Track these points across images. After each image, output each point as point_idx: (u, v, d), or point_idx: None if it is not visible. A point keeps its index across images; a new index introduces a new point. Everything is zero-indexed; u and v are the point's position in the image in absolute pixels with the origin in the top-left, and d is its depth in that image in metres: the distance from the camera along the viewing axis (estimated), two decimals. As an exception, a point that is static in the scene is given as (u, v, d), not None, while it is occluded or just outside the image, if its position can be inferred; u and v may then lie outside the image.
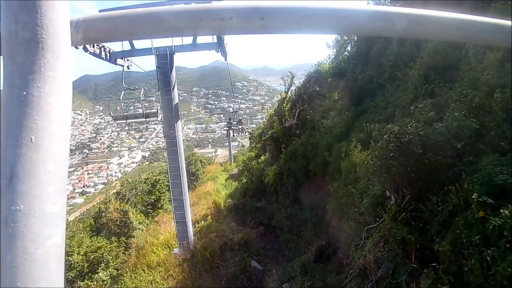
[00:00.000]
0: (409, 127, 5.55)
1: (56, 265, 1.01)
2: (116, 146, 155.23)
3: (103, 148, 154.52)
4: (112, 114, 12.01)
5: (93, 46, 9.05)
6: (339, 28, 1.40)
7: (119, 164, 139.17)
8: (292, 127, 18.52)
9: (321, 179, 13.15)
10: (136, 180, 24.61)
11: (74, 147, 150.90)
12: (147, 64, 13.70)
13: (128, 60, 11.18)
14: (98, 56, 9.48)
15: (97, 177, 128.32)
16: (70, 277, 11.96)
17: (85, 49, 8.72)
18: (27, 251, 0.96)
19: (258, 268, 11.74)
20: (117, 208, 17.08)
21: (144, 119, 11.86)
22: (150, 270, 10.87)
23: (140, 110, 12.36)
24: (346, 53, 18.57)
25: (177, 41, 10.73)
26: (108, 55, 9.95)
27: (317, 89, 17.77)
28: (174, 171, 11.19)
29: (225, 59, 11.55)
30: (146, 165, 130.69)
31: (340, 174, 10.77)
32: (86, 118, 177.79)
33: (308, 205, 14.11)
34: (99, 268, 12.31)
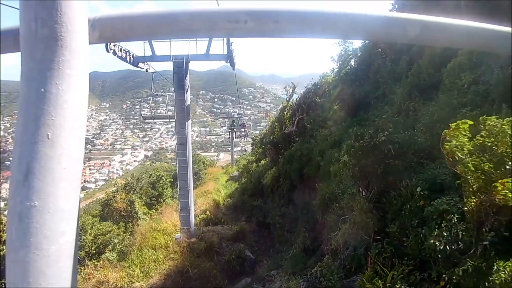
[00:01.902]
0: (382, 132, 6.88)
1: (68, 262, 1.03)
2: (120, 144, 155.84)
3: (107, 145, 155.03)
4: (142, 114, 13.58)
5: (120, 51, 10.52)
6: (352, 33, 1.40)
7: (121, 161, 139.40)
8: (292, 134, 19.87)
9: (314, 182, 14.43)
10: (142, 172, 25.99)
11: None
12: (159, 67, 15.18)
13: (147, 64, 12.64)
14: (124, 59, 10.94)
15: (99, 173, 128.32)
16: (79, 257, 13.22)
17: (114, 53, 10.18)
18: (40, 247, 0.96)
19: (251, 257, 13.04)
20: (124, 198, 18.45)
21: (168, 120, 13.37)
22: (154, 251, 12.22)
23: (146, 110, 13.88)
24: (349, 67, 19.73)
25: (192, 50, 12.22)
26: (132, 59, 11.42)
27: (316, 99, 19.17)
28: (182, 164, 12.65)
29: (233, 68, 13.06)
30: (148, 164, 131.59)
31: (329, 176, 12.06)
32: (92, 115, 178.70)
33: (300, 205, 15.39)
34: (107, 249, 13.58)
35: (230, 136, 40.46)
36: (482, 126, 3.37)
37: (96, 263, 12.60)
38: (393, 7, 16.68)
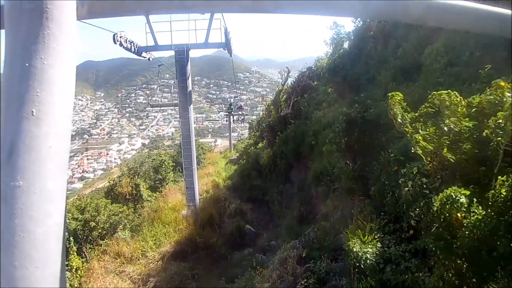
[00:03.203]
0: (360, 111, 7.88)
1: (56, 244, 0.99)
2: (116, 133, 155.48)
3: (103, 135, 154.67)
4: (150, 103, 14.64)
5: (126, 42, 11.36)
6: (354, 11, 1.37)
7: (118, 150, 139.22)
8: (287, 116, 20.81)
9: (308, 161, 15.49)
10: (145, 157, 26.94)
11: (75, 133, 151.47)
12: (155, 55, 16.04)
13: (149, 53, 13.49)
14: (129, 49, 11.81)
15: (97, 163, 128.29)
16: (92, 238, 14.23)
17: (120, 44, 11.03)
18: (26, 229, 0.92)
19: (252, 230, 14.22)
20: (129, 182, 19.44)
21: (174, 107, 14.41)
22: (164, 226, 13.40)
23: (141, 98, 14.93)
24: (342, 51, 20.41)
25: (191, 39, 13.07)
26: (136, 49, 12.27)
27: (311, 83, 20.09)
28: (186, 145, 13.74)
29: (230, 55, 13.96)
30: (145, 152, 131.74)
31: (322, 154, 13.10)
32: (87, 104, 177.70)
33: (296, 182, 16.51)
34: (118, 229, 14.63)
35: (228, 120, 40.43)
36: (431, 100, 4.35)
37: (108, 242, 13.64)
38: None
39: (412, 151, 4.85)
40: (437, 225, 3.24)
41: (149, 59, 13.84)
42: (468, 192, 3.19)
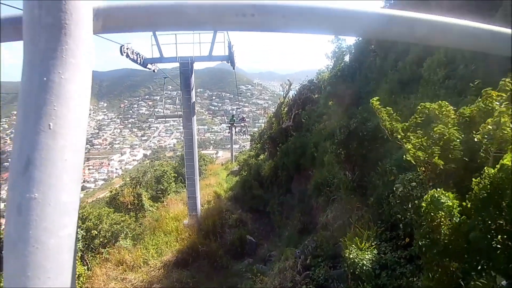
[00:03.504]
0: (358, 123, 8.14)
1: (68, 256, 1.01)
2: (118, 143, 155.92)
3: (105, 145, 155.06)
4: (155, 114, 15.00)
5: (132, 53, 11.77)
6: (359, 31, 1.41)
7: (120, 161, 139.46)
8: (288, 128, 21.11)
9: (309, 172, 15.70)
10: (148, 166, 27.18)
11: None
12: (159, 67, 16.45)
13: (154, 65, 13.90)
14: (135, 61, 12.21)
15: (98, 173, 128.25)
16: (93, 246, 14.37)
17: (127, 56, 11.42)
18: (40, 240, 0.94)
19: (252, 240, 14.34)
20: (131, 192, 19.64)
21: (178, 118, 14.71)
22: (165, 235, 13.57)
23: (144, 109, 15.18)
24: (343, 64, 20.75)
25: (195, 51, 13.48)
26: (142, 61, 12.67)
27: (312, 95, 20.44)
28: (189, 155, 14.02)
29: (233, 68, 14.36)
30: (147, 163, 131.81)
31: (323, 166, 13.32)
32: (90, 114, 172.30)
33: (297, 193, 16.66)
34: (120, 237, 14.78)
35: (229, 132, 40.52)
36: (420, 110, 4.62)
37: (110, 250, 13.76)
38: (385, 5, 17.77)
39: (404, 159, 5.08)
40: (424, 225, 3.44)
41: (154, 70, 14.24)
42: (451, 194, 3.42)
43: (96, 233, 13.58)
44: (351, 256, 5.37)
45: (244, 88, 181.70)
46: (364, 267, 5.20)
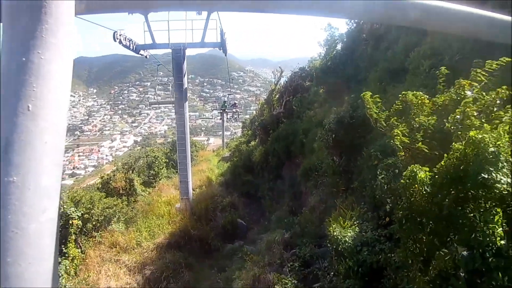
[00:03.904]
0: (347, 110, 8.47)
1: (50, 240, 0.98)
2: (108, 130, 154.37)
3: (95, 131, 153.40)
4: (149, 101, 15.15)
5: (125, 40, 11.84)
6: (354, 13, 1.40)
7: (110, 147, 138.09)
8: (280, 115, 21.37)
9: (299, 158, 16.08)
10: (140, 152, 27.31)
11: (66, 129, 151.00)
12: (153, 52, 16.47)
13: (147, 51, 13.98)
14: (128, 47, 12.29)
15: (88, 159, 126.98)
16: (86, 230, 14.59)
17: (120, 42, 11.49)
18: (20, 226, 0.91)
19: (243, 224, 14.76)
20: (123, 177, 19.83)
21: (171, 105, 14.93)
22: (158, 218, 13.91)
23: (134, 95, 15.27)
24: (335, 52, 20.92)
25: (188, 38, 13.61)
26: (134, 47, 12.75)
27: (303, 83, 20.69)
28: (181, 140, 14.29)
29: (225, 55, 14.53)
30: (138, 150, 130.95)
31: (312, 152, 13.69)
32: (79, 100, 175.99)
33: (287, 179, 17.08)
34: (112, 221, 15.03)
35: (221, 118, 40.35)
36: (401, 99, 4.94)
37: (103, 234, 14.01)
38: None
39: (390, 143, 5.41)
40: (403, 199, 3.79)
41: (146, 56, 14.32)
42: (427, 169, 3.77)
43: (89, 217, 13.79)
44: (334, 233, 5.75)
45: (236, 74, 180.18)
46: (346, 244, 5.59)
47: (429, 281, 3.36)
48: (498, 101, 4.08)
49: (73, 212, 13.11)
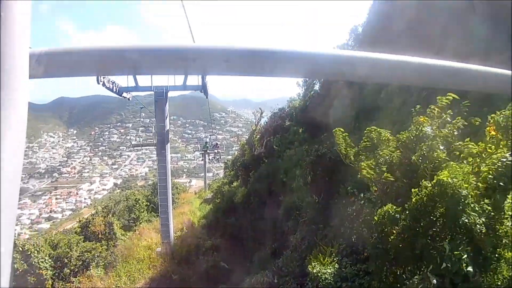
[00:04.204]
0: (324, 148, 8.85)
1: None
2: (88, 172, 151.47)
3: (74, 173, 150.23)
4: (132, 143, 15.38)
5: (108, 82, 12.19)
6: (302, 71, 1.40)
7: (89, 190, 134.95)
8: (261, 155, 21.71)
9: (281, 197, 16.22)
10: (121, 195, 26.82)
11: (44, 171, 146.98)
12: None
13: (129, 93, 14.34)
14: (111, 90, 12.60)
15: (66, 202, 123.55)
16: (63, 275, 14.03)
17: (103, 84, 11.81)
18: None
19: (226, 267, 14.47)
20: (103, 221, 19.38)
21: (153, 147, 15.19)
22: (138, 262, 13.51)
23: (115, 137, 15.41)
24: (313, 92, 21.88)
25: (170, 81, 14.11)
26: (117, 89, 13.09)
27: (283, 123, 21.34)
28: (162, 183, 14.24)
29: (207, 97, 15.02)
30: (117, 192, 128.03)
31: (293, 191, 13.90)
32: (59, 141, 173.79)
33: (269, 219, 17.04)
34: (91, 266, 14.52)
35: (203, 159, 40.38)
36: (367, 135, 5.35)
37: (81, 279, 13.51)
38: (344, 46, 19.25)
39: (366, 180, 5.72)
40: (375, 236, 4.02)
41: (129, 99, 14.66)
42: (399, 209, 4.04)
43: (67, 261, 13.36)
44: (314, 270, 5.85)
45: (218, 115, 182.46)
46: (326, 280, 5.68)
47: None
48: (456, 133, 4.51)
49: (41, 263, 12.72)
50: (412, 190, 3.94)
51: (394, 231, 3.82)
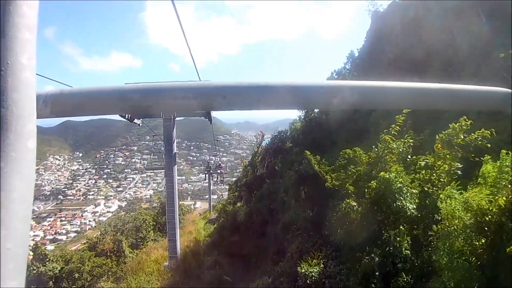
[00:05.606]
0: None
1: None
2: (93, 194, 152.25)
3: (79, 196, 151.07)
4: (144, 166, 16.44)
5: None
6: (295, 103, 1.40)
7: (94, 212, 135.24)
8: (263, 176, 22.83)
9: (280, 215, 17.22)
10: (129, 216, 27.81)
11: (49, 193, 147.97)
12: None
13: (140, 119, 15.71)
14: (123, 116, 13.86)
15: (70, 224, 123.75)
16: (76, 287, 14.95)
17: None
18: None
19: (229, 280, 15.36)
20: (112, 239, 20.40)
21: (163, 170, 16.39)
22: (147, 275, 14.48)
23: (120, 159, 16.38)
24: (313, 115, 23.14)
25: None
26: (129, 116, 14.39)
27: (283, 145, 22.57)
28: (170, 201, 15.39)
29: (211, 123, 16.36)
30: (122, 215, 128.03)
31: (290, 208, 14.92)
32: (64, 164, 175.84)
33: (271, 236, 17.97)
34: (101, 280, 15.47)
35: (205, 178, 41.06)
36: (342, 155, 6.56)
37: (92, 293, 14.42)
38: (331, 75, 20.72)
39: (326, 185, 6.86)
40: (345, 226, 5.15)
41: (139, 124, 15.99)
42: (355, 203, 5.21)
43: (79, 275, 14.29)
44: (302, 270, 6.92)
45: (222, 138, 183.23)
46: (313, 278, 6.72)
47: (358, 281, 4.60)
48: (409, 149, 5.72)
49: (49, 270, 13.63)
50: (366, 188, 5.12)
51: (356, 221, 4.95)
